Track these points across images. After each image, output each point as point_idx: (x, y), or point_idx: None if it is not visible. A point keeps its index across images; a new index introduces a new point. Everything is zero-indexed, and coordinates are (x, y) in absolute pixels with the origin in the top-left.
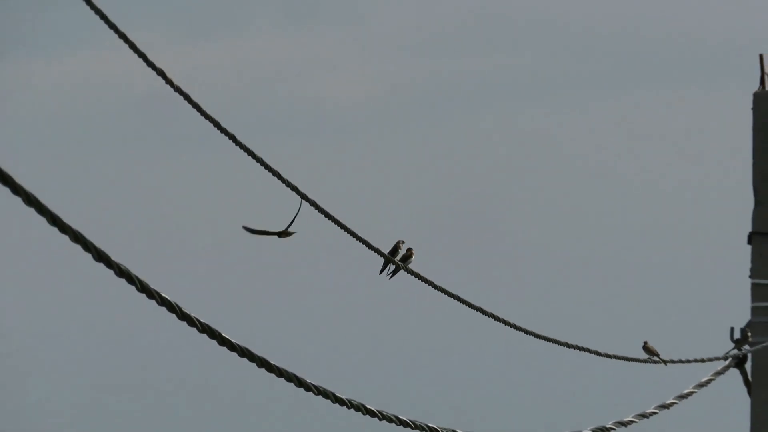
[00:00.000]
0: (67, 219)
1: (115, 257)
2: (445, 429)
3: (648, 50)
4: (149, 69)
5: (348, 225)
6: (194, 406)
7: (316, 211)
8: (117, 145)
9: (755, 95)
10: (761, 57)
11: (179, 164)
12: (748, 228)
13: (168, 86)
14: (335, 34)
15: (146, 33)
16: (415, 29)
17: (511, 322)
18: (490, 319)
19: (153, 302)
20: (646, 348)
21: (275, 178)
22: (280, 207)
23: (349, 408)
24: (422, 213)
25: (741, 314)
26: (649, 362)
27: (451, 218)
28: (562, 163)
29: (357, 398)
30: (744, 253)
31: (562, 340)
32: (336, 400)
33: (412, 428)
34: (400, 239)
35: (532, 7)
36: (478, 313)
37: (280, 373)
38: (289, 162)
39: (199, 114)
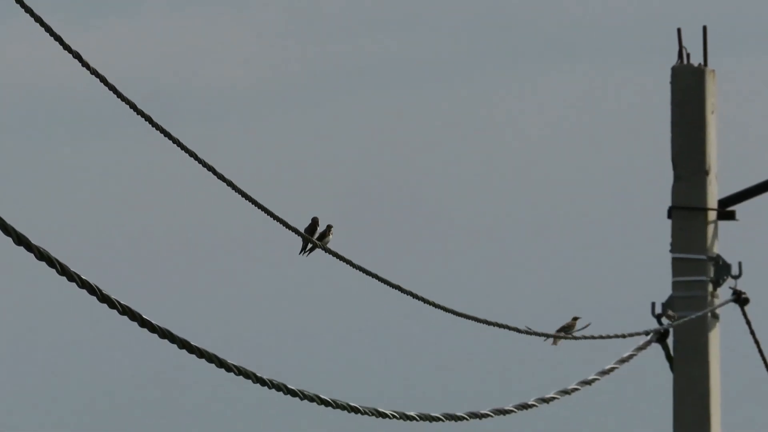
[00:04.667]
0: None
1: (46, 249)
2: (366, 408)
3: (561, 26)
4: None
5: (265, 205)
6: (158, 416)
7: (233, 191)
8: (30, 133)
9: (673, 69)
10: (679, 31)
11: (93, 149)
12: (668, 203)
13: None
14: (230, 16)
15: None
16: (323, 8)
17: (432, 300)
18: (410, 298)
19: (84, 290)
20: (569, 325)
21: (192, 159)
22: (197, 189)
23: (270, 388)
24: (339, 191)
25: (662, 289)
26: (561, 337)
27: (368, 196)
28: (479, 141)
29: (277, 378)
30: (665, 228)
31: (482, 317)
32: (257, 380)
33: (328, 405)
34: (316, 216)
35: None
36: (398, 291)
37: (201, 354)
38: (202, 143)
39: (116, 96)
